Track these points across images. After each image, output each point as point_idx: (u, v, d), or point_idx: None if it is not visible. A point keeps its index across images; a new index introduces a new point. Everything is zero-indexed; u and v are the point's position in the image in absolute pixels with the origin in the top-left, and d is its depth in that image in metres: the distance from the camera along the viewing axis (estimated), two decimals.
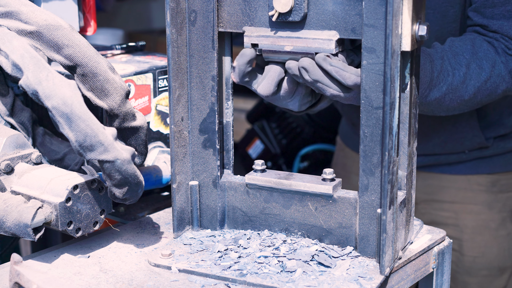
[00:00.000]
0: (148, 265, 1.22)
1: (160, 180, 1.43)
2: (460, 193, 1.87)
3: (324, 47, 1.18)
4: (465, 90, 1.51)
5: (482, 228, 1.87)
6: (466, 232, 1.86)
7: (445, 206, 1.89)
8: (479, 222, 1.87)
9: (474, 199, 1.86)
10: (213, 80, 1.26)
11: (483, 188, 1.86)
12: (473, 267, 1.88)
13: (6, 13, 1.22)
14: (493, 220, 1.87)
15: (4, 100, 1.31)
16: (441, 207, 1.89)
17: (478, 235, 1.87)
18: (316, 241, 1.26)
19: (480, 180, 1.86)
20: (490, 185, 1.86)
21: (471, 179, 1.86)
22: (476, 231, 1.87)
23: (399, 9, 1.08)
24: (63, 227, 1.18)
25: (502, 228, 1.87)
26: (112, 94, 1.21)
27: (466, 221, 1.87)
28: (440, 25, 1.65)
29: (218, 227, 1.32)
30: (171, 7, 1.21)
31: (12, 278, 1.10)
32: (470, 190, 1.86)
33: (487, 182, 1.86)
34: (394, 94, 1.11)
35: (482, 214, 1.87)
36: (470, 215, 1.87)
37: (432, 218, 1.89)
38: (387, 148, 1.12)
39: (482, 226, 1.87)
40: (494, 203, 1.86)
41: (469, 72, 1.50)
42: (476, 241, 1.87)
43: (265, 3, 1.21)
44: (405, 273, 1.24)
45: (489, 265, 1.88)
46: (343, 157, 2.12)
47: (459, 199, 1.87)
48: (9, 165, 1.23)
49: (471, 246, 1.87)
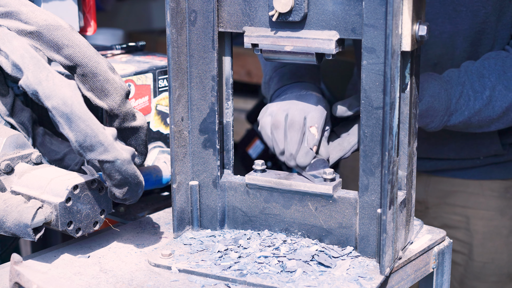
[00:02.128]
0: (148, 265, 1.22)
1: (160, 180, 1.43)
2: (472, 198, 1.85)
3: (324, 47, 1.18)
4: (492, 110, 1.55)
5: (493, 234, 1.85)
6: (476, 238, 1.85)
7: (456, 210, 1.87)
8: (491, 228, 1.85)
9: (486, 204, 1.85)
10: (213, 80, 1.26)
11: (496, 194, 1.84)
12: (482, 272, 1.87)
13: (6, 13, 1.22)
14: (505, 226, 1.85)
15: (4, 100, 1.31)
16: (453, 211, 1.88)
17: (488, 241, 1.85)
18: (316, 241, 1.26)
19: (493, 185, 1.84)
20: (503, 191, 1.84)
21: (484, 184, 1.84)
22: (487, 237, 1.85)
23: (399, 9, 1.08)
24: (63, 227, 1.18)
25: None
26: (112, 94, 1.21)
27: (477, 226, 1.85)
28: (469, 24, 1.63)
29: (218, 227, 1.32)
30: (171, 7, 1.21)
31: (12, 278, 1.10)
32: (482, 195, 1.85)
33: (500, 188, 1.84)
34: (394, 94, 1.11)
35: (493, 220, 1.85)
36: (481, 220, 1.85)
37: (444, 221, 1.88)
38: (387, 148, 1.12)
39: (494, 232, 1.85)
40: (507, 210, 1.84)
41: (494, 94, 1.54)
42: (486, 247, 1.85)
43: (265, 3, 1.21)
44: (405, 273, 1.24)
45: (499, 272, 1.87)
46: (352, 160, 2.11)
47: (471, 204, 1.86)
48: (9, 165, 1.23)
49: (481, 251, 1.85)
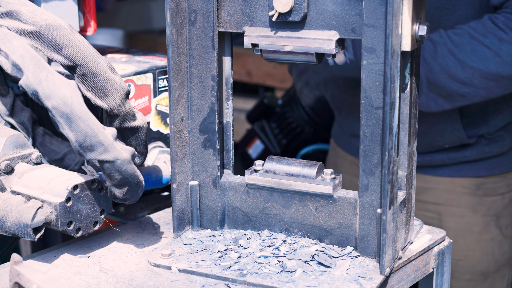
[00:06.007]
0: (148, 265, 1.22)
1: (160, 180, 1.43)
2: (444, 194, 1.85)
3: (324, 47, 1.18)
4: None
5: (465, 231, 1.85)
6: (449, 235, 1.84)
7: (429, 206, 1.87)
8: (462, 225, 1.85)
9: (458, 201, 1.85)
10: (213, 80, 1.26)
11: (468, 191, 1.84)
12: (455, 270, 1.86)
13: (6, 13, 1.22)
14: (476, 223, 1.85)
15: (4, 100, 1.31)
16: (425, 208, 1.88)
17: (460, 238, 1.85)
18: (316, 241, 1.26)
19: (465, 182, 1.84)
20: (474, 188, 1.84)
21: (456, 181, 1.84)
22: (459, 234, 1.85)
23: (399, 9, 1.08)
24: (63, 227, 1.18)
25: (485, 232, 1.85)
26: (112, 94, 1.21)
27: (449, 223, 1.86)
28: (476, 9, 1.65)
29: (218, 227, 1.32)
30: (171, 7, 1.21)
31: (12, 278, 1.10)
32: (454, 192, 1.84)
33: (471, 184, 1.83)
34: (394, 94, 1.11)
35: (465, 217, 1.85)
36: (453, 217, 1.85)
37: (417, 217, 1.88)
38: (387, 148, 1.12)
39: (465, 229, 1.85)
40: (478, 207, 1.84)
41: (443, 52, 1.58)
42: (458, 244, 1.85)
43: (265, 3, 1.21)
44: (405, 273, 1.24)
45: (472, 269, 1.87)
46: (334, 157, 2.12)
47: (443, 201, 1.86)
48: (9, 165, 1.23)
49: (454, 249, 1.84)
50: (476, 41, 1.53)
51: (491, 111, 1.79)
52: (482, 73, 1.53)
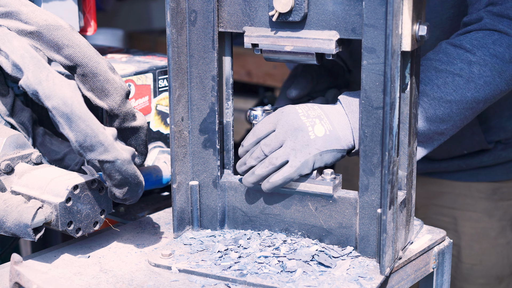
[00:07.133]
0: (148, 265, 1.22)
1: (160, 180, 1.43)
2: (459, 199, 1.85)
3: (324, 47, 1.18)
4: None
5: (480, 236, 1.84)
6: (464, 239, 1.85)
7: (444, 211, 1.87)
8: (478, 230, 1.84)
9: (474, 206, 1.84)
10: (213, 80, 1.26)
11: (483, 196, 1.83)
12: (470, 274, 1.86)
13: (6, 13, 1.22)
14: (492, 228, 1.84)
15: (4, 100, 1.31)
16: (440, 212, 1.87)
17: (476, 242, 1.85)
18: (316, 241, 1.26)
19: (481, 187, 1.83)
20: (490, 193, 1.83)
21: (471, 185, 1.84)
22: (475, 238, 1.85)
23: (399, 9, 1.08)
24: (63, 227, 1.18)
25: (501, 237, 1.85)
26: (112, 94, 1.21)
27: (465, 228, 1.85)
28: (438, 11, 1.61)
29: (218, 227, 1.32)
30: (171, 7, 1.21)
31: (12, 278, 1.10)
32: (470, 196, 1.84)
33: (487, 189, 1.83)
34: (394, 94, 1.11)
35: (481, 221, 1.84)
36: (469, 222, 1.85)
37: (432, 222, 1.87)
38: (387, 148, 1.12)
39: (481, 234, 1.84)
40: (494, 211, 1.84)
41: None
42: (474, 248, 1.85)
43: (265, 3, 1.21)
44: (405, 273, 1.24)
45: (487, 274, 1.86)
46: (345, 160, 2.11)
47: (459, 206, 1.85)
48: (9, 165, 1.23)
49: (469, 253, 1.85)
50: (445, 72, 1.45)
51: (508, 117, 1.78)
52: (460, 104, 1.45)
